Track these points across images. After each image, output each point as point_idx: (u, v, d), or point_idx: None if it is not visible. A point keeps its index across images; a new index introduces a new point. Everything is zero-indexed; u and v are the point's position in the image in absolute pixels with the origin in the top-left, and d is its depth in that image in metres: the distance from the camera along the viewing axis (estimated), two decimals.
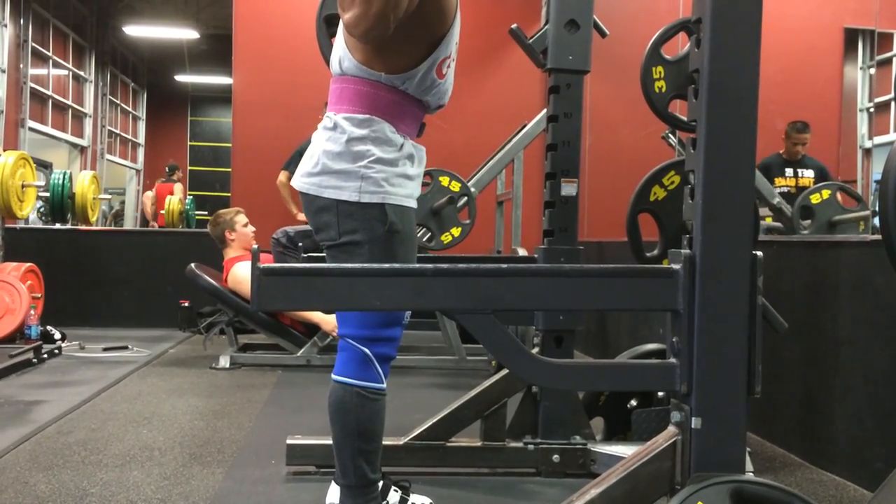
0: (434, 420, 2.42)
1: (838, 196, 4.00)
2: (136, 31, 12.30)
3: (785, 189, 4.80)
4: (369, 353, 1.79)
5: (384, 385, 1.83)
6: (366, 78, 1.78)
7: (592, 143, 5.45)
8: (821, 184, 4.20)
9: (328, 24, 2.13)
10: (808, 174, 4.96)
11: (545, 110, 2.62)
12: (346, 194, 1.76)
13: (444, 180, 3.98)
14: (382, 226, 1.76)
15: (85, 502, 2.13)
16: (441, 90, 1.86)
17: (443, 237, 4.03)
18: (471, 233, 4.03)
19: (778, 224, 4.17)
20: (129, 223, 13.19)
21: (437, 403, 2.67)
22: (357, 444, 1.81)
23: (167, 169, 11.23)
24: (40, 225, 7.04)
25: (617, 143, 6.12)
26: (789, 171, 4.98)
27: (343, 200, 1.76)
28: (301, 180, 1.83)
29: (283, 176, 5.40)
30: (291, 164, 5.22)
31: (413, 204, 1.87)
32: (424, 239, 3.96)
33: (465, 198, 4.01)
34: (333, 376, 1.83)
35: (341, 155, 1.77)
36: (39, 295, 4.96)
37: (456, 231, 4.03)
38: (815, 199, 3.93)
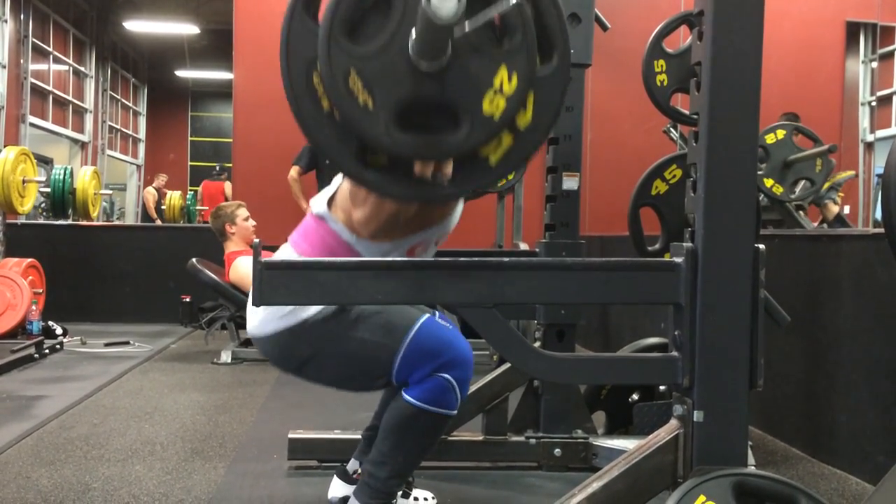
0: None
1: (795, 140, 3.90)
2: (137, 26, 12.29)
3: None
4: (451, 380, 1.71)
5: (456, 411, 1.76)
6: (337, 234, 1.78)
7: (594, 137, 5.43)
8: (775, 124, 4.04)
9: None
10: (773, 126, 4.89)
11: None
12: (293, 317, 1.75)
13: None
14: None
15: (87, 497, 2.14)
16: None
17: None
18: (472, 228, 4.02)
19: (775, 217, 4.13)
20: (131, 219, 13.19)
21: None
22: (404, 460, 1.78)
23: (217, 168, 11.07)
24: (41, 220, 7.04)
25: (618, 137, 6.11)
26: None
27: (293, 324, 1.75)
28: (251, 323, 1.83)
29: (294, 171, 5.35)
30: (302, 159, 5.21)
31: None
32: None
33: None
34: (410, 399, 1.72)
35: None
36: (41, 290, 4.97)
37: (510, 174, 4.01)
38: (769, 139, 3.80)
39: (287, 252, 1.84)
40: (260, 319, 1.80)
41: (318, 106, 1.26)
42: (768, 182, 3.79)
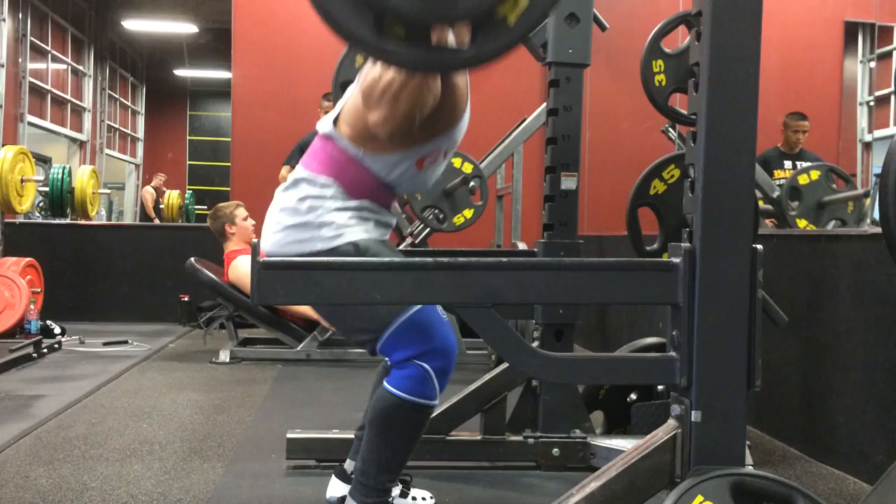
0: (434, 414, 2.42)
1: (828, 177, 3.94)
2: (135, 25, 12.27)
3: (783, 181, 4.77)
4: (429, 370, 1.72)
5: (437, 401, 1.77)
6: (345, 149, 1.79)
7: (592, 137, 5.44)
8: (809, 164, 4.11)
9: (343, 89, 2.11)
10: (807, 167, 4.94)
11: (545, 104, 2.62)
12: (309, 246, 1.76)
13: (457, 161, 3.97)
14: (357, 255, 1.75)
15: (85, 496, 2.14)
16: (417, 181, 1.86)
17: (455, 219, 4.03)
18: (470, 228, 4.03)
19: (768, 207, 4.13)
20: (129, 218, 13.18)
21: None
22: (391, 453, 1.79)
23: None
24: (39, 219, 7.03)
25: (617, 137, 6.11)
26: (788, 164, 4.96)
27: (307, 253, 1.76)
28: (265, 242, 1.83)
29: (284, 171, 5.37)
30: (293, 159, 5.21)
31: (383, 237, 1.86)
32: (437, 221, 3.96)
33: (478, 179, 3.99)
34: (388, 387, 1.74)
35: (296, 210, 1.78)
36: (39, 289, 4.97)
37: (468, 213, 4.02)
38: (803, 179, 3.86)
39: (298, 172, 1.83)
40: (273, 242, 1.80)
41: None
42: (801, 223, 3.83)
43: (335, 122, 1.83)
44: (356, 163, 1.79)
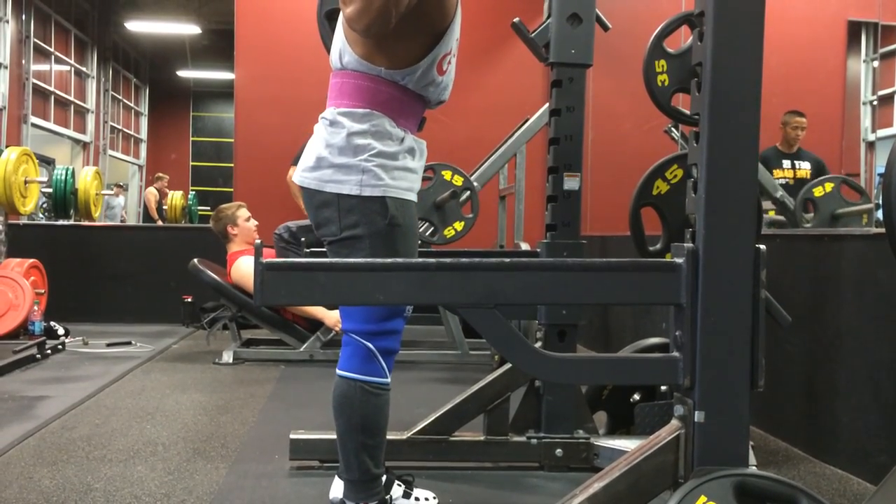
0: (437, 414, 2.43)
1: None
2: (138, 26, 12.30)
3: (783, 181, 4.77)
4: (372, 348, 1.79)
5: (388, 379, 1.83)
6: (365, 72, 1.78)
7: (595, 138, 5.44)
8: (824, 177, 4.17)
9: (329, 20, 2.13)
10: (805, 166, 4.93)
11: (547, 104, 2.62)
12: (347, 188, 1.76)
13: (447, 174, 3.98)
14: (383, 219, 1.76)
15: (89, 497, 2.14)
16: (442, 86, 1.86)
17: (445, 231, 4.03)
18: (473, 228, 4.03)
19: (781, 217, 4.15)
20: (132, 219, 13.20)
21: (440, 398, 2.67)
22: (361, 438, 1.81)
23: None
24: (43, 221, 7.04)
25: (619, 138, 6.10)
26: (787, 163, 4.96)
27: (344, 194, 1.76)
28: (302, 175, 1.83)
29: (292, 171, 5.38)
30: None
31: (414, 198, 1.87)
32: (427, 234, 3.96)
33: (468, 192, 4.00)
34: (338, 371, 1.83)
35: (342, 149, 1.77)
36: (43, 291, 4.97)
37: (459, 225, 4.03)
38: (818, 192, 3.92)
39: (332, 114, 1.80)
40: (314, 177, 1.80)
41: None
42: None
43: (341, 58, 1.81)
44: (381, 80, 1.77)
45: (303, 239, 4.41)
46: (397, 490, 2.02)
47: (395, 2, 1.60)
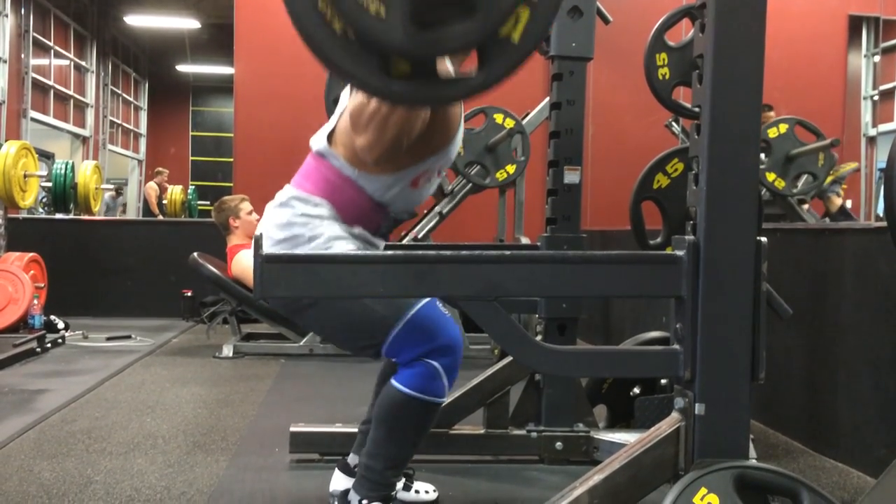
0: None
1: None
2: (138, 20, 12.26)
3: None
4: (438, 367, 1.71)
5: (445, 398, 1.76)
6: (339, 170, 1.77)
7: (595, 131, 5.43)
8: (778, 118, 4.05)
9: (336, 104, 2.10)
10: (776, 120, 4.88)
11: (548, 98, 2.62)
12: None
13: (499, 117, 3.97)
14: None
15: (89, 490, 2.14)
16: (411, 199, 1.84)
17: (498, 174, 4.03)
18: (473, 222, 4.03)
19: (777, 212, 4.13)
20: (132, 213, 13.19)
21: None
22: (397, 449, 1.78)
23: None
24: (42, 215, 7.05)
25: (620, 131, 6.10)
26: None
27: None
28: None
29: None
30: None
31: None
32: (480, 177, 3.97)
33: (519, 135, 4.00)
34: (397, 384, 1.72)
35: (290, 225, 1.75)
36: (43, 284, 4.97)
37: (511, 168, 4.02)
38: (772, 133, 3.81)
39: (288, 192, 1.81)
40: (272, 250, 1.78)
41: (330, 30, 1.20)
42: (770, 176, 3.79)
43: (328, 139, 1.79)
44: (351, 183, 1.76)
45: None
46: (398, 483, 2.02)
47: (406, 132, 1.62)
